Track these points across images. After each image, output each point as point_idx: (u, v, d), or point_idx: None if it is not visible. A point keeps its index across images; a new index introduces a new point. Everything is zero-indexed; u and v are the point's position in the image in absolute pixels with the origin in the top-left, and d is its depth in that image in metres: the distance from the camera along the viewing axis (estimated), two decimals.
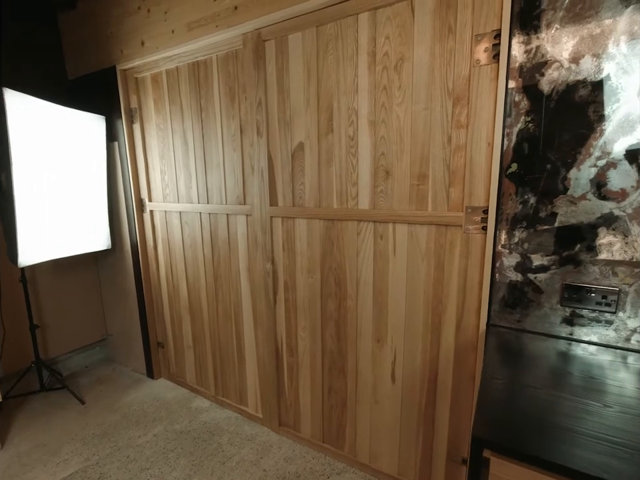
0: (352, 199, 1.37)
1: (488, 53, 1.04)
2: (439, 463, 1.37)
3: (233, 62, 1.57)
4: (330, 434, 1.64)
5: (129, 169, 2.06)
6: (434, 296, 1.27)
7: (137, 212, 2.10)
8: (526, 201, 1.03)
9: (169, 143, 1.90)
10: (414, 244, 1.27)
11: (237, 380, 1.93)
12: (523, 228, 1.05)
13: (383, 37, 1.21)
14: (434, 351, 1.30)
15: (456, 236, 1.19)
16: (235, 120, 1.62)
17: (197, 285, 1.97)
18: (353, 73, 1.28)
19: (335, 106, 1.34)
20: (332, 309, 1.51)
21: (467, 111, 1.11)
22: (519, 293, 1.08)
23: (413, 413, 1.39)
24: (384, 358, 1.42)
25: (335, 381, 1.57)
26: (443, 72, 1.13)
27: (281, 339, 1.69)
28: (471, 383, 1.24)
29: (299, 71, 1.40)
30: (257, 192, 1.60)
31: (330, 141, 1.38)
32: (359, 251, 1.39)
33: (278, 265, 1.63)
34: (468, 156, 1.12)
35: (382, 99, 1.25)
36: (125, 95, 1.99)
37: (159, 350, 2.29)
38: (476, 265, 1.16)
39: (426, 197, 1.23)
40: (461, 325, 1.22)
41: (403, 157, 1.24)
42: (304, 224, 1.51)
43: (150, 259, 2.16)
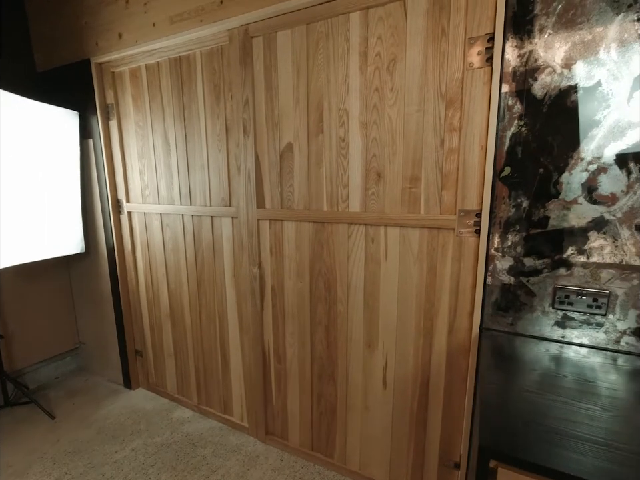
0: (342, 201, 1.34)
1: (481, 56, 1.04)
2: (431, 468, 1.35)
3: (218, 58, 1.52)
4: (319, 442, 1.60)
5: (104, 168, 1.95)
6: (426, 299, 1.26)
7: (114, 214, 1.99)
8: (519, 204, 1.04)
9: (148, 142, 1.81)
10: (406, 247, 1.26)
11: (221, 388, 1.85)
12: (516, 231, 1.05)
13: (375, 37, 1.19)
14: (426, 355, 1.29)
15: (448, 239, 1.19)
16: (220, 119, 1.56)
17: (179, 291, 1.89)
18: (345, 72, 1.26)
19: (326, 106, 1.31)
20: (321, 314, 1.47)
21: (459, 114, 1.11)
22: (512, 296, 1.09)
23: (404, 418, 1.37)
24: (375, 363, 1.39)
25: (324, 388, 1.53)
26: (436, 74, 1.12)
27: (268, 345, 1.64)
28: (463, 386, 1.23)
29: (288, 69, 1.36)
30: (243, 193, 1.55)
31: (320, 141, 1.35)
32: (350, 255, 1.36)
33: (265, 269, 1.57)
34: (461, 159, 1.11)
35: (374, 100, 1.23)
36: (100, 90, 1.88)
37: (137, 358, 2.18)
38: (468, 268, 1.16)
39: (418, 200, 1.21)
40: (454, 328, 1.22)
41: (395, 159, 1.23)
42: (293, 227, 1.47)
43: (128, 263, 2.05)
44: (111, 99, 1.88)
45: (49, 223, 1.85)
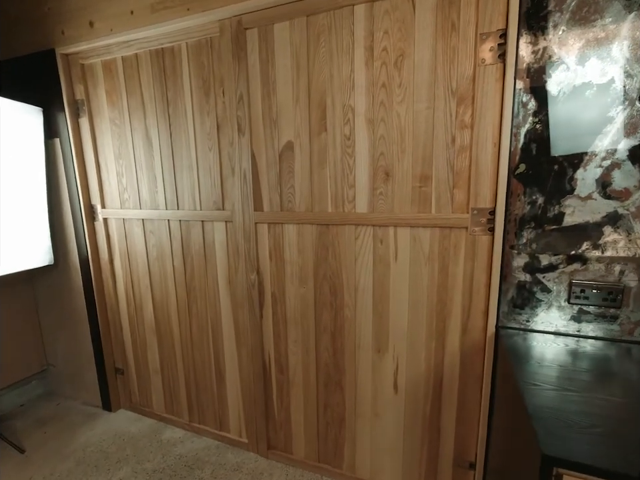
0: (349, 202, 1.29)
1: (493, 53, 1.03)
2: (445, 469, 1.34)
3: (207, 51, 1.41)
4: (326, 452, 1.53)
5: (75, 170, 1.77)
6: (438, 300, 1.23)
7: (87, 220, 1.81)
8: (534, 201, 1.04)
9: (126, 141, 1.66)
10: (417, 248, 1.23)
11: (215, 404, 1.74)
12: (531, 228, 1.05)
13: (382, 32, 1.15)
14: (439, 356, 1.27)
15: (460, 238, 1.17)
16: (210, 116, 1.46)
17: (166, 301, 1.75)
18: (349, 68, 1.21)
19: (329, 103, 1.25)
20: (327, 320, 1.41)
21: (471, 111, 1.09)
22: (528, 293, 1.09)
23: (416, 421, 1.34)
24: (385, 368, 1.35)
25: (331, 397, 1.47)
26: (446, 70, 1.10)
27: (269, 355, 1.55)
28: (478, 386, 1.22)
29: (286, 63, 1.29)
30: (239, 196, 1.45)
31: (323, 140, 1.28)
32: (357, 257, 1.31)
33: (264, 276, 1.49)
34: (473, 156, 1.10)
35: (381, 96, 1.19)
36: (67, 83, 1.70)
37: (118, 377, 2.00)
38: (482, 266, 1.15)
39: (429, 199, 1.19)
40: (468, 328, 1.20)
41: (405, 158, 1.19)
42: (294, 230, 1.39)
43: (105, 274, 1.87)
44: (81, 94, 1.70)
45: (10, 233, 1.64)
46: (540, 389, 0.80)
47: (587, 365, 0.90)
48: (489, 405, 1.19)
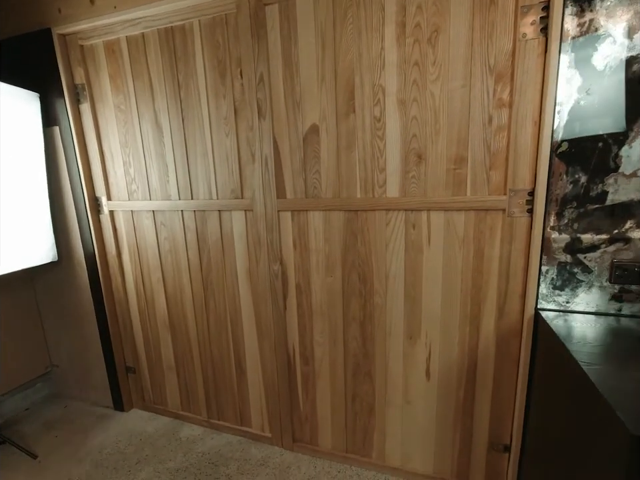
0: (379, 186, 1.25)
1: (535, 26, 1.00)
2: (478, 453, 1.34)
3: (222, 29, 1.33)
4: (354, 442, 1.52)
5: (78, 161, 1.66)
6: (473, 284, 1.21)
7: (92, 214, 1.71)
8: (576, 180, 1.02)
9: (133, 128, 1.57)
10: (451, 231, 1.20)
11: (236, 399, 1.70)
12: (573, 208, 1.04)
13: (414, 6, 1.10)
14: (473, 341, 1.26)
15: (497, 220, 1.15)
16: (226, 99, 1.38)
17: (180, 296, 1.68)
18: (379, 45, 1.15)
19: (358, 82, 1.20)
20: (356, 309, 1.38)
21: (509, 89, 1.06)
22: (568, 274, 1.08)
23: (449, 407, 1.34)
24: (417, 355, 1.33)
25: (360, 386, 1.44)
26: (483, 46, 1.06)
27: (293, 347, 1.51)
28: (514, 368, 1.22)
29: (310, 41, 1.22)
30: (259, 183, 1.39)
31: (351, 122, 1.23)
32: (388, 243, 1.28)
33: (288, 266, 1.44)
34: (512, 136, 1.07)
35: (413, 75, 1.14)
36: (65, 67, 1.58)
37: (129, 376, 1.93)
38: (520, 248, 1.13)
39: (464, 181, 1.16)
40: (504, 311, 1.19)
41: (439, 139, 1.15)
42: (320, 217, 1.34)
43: (112, 270, 1.79)
44: (81, 79, 1.59)
45: (10, 229, 1.53)
46: (599, 368, 0.79)
47: (638, 344, 0.90)
48: (527, 387, 1.18)
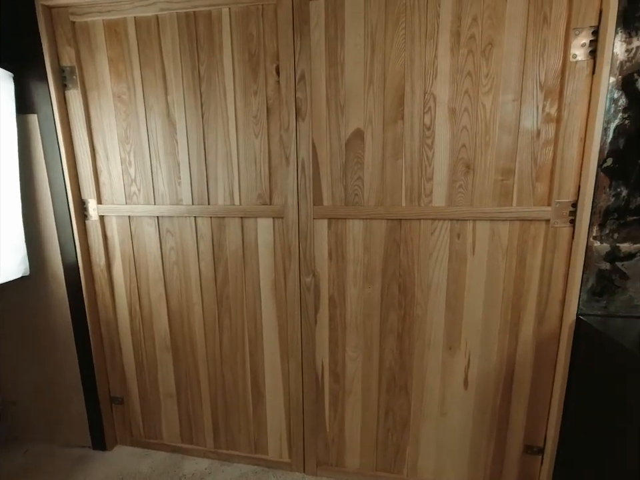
0: (425, 195, 1.23)
1: (585, 49, 1.06)
2: (512, 457, 1.36)
3: (257, 21, 1.22)
4: (385, 460, 1.46)
5: (61, 156, 1.40)
6: (514, 292, 1.24)
7: (77, 219, 1.45)
8: (618, 193, 1.10)
9: (137, 122, 1.37)
10: (495, 241, 1.22)
11: (250, 424, 1.54)
12: (614, 219, 1.11)
13: (470, 18, 1.11)
14: (511, 348, 1.28)
15: (540, 230, 1.19)
16: (258, 96, 1.27)
17: (187, 314, 1.49)
18: (433, 53, 1.14)
19: (408, 89, 1.17)
20: (394, 321, 1.33)
21: (557, 105, 1.11)
22: (607, 281, 1.15)
23: (485, 414, 1.35)
24: (456, 365, 1.33)
25: (394, 401, 1.40)
26: (535, 63, 1.10)
27: (322, 364, 1.42)
28: (551, 373, 1.26)
29: (358, 42, 1.17)
30: (293, 188, 1.29)
31: (399, 129, 1.20)
32: (432, 253, 1.26)
33: (321, 277, 1.35)
34: (559, 150, 1.12)
35: (466, 85, 1.14)
36: (50, 45, 1.33)
37: (114, 408, 1.66)
38: (561, 257, 1.18)
39: (510, 192, 1.19)
40: (544, 317, 1.23)
41: (488, 150, 1.17)
42: (360, 225, 1.28)
43: (99, 284, 1.53)
44: (71, 60, 1.35)
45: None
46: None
47: None
48: (565, 390, 1.23)
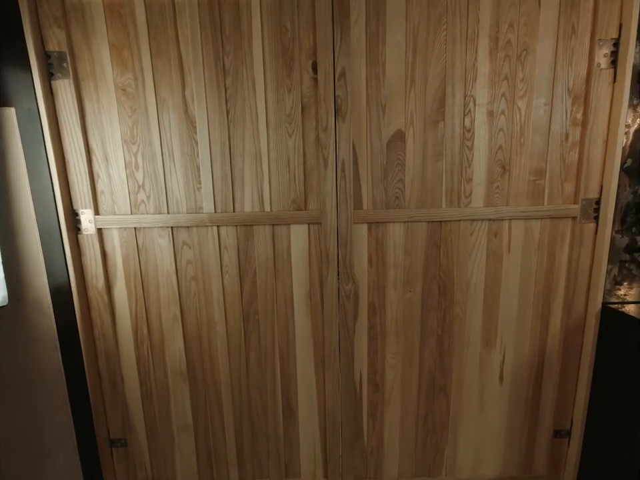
0: (465, 196, 1.24)
1: (607, 59, 1.15)
2: (542, 442, 1.42)
3: (291, 12, 1.13)
4: (424, 464, 1.44)
5: (48, 158, 1.17)
6: (544, 286, 1.31)
7: (69, 233, 1.22)
8: (636, 191, 1.21)
9: (147, 118, 1.19)
10: (528, 238, 1.27)
11: (280, 447, 1.42)
12: (633, 214, 1.22)
13: (507, 24, 1.14)
14: (542, 338, 1.35)
15: (567, 227, 1.27)
16: (292, 93, 1.18)
17: (208, 334, 1.33)
18: (473, 56, 1.16)
19: (449, 91, 1.17)
20: (434, 323, 1.33)
21: (583, 110, 1.19)
22: (627, 270, 1.26)
23: (519, 405, 1.40)
24: (492, 361, 1.36)
25: (433, 404, 1.39)
26: (564, 70, 1.17)
27: (360, 375, 1.36)
28: (577, 360, 1.35)
29: (400, 41, 1.15)
30: (333, 192, 1.22)
31: (440, 131, 1.20)
32: (471, 253, 1.28)
33: (360, 284, 1.29)
34: (585, 152, 1.20)
35: (502, 88, 1.18)
36: (33, 25, 1.10)
37: (114, 452, 1.42)
38: (587, 251, 1.27)
39: (542, 192, 1.25)
40: (572, 308, 1.31)
41: (522, 152, 1.22)
42: (401, 229, 1.26)
43: (96, 310, 1.30)
44: (60, 45, 1.13)
45: None
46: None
47: None
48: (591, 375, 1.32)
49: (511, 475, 1.45)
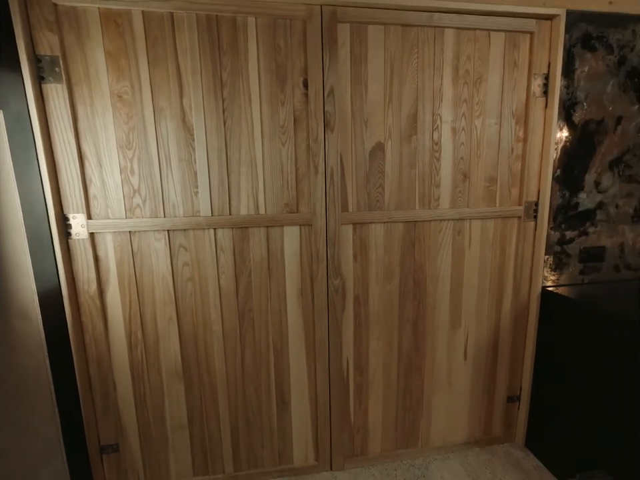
0: (434, 200, 1.44)
1: (540, 89, 1.43)
2: (498, 407, 1.68)
3: (284, 34, 1.25)
4: (403, 437, 1.62)
5: (39, 162, 1.15)
6: (498, 275, 1.56)
7: (60, 238, 1.20)
8: (563, 195, 1.50)
9: (144, 125, 1.22)
10: (484, 235, 1.51)
11: (274, 436, 1.51)
12: (561, 214, 1.52)
13: (465, 56, 1.37)
14: (496, 320, 1.60)
15: (513, 225, 1.53)
16: (286, 106, 1.29)
17: (204, 334, 1.38)
18: (439, 82, 1.36)
19: (420, 109, 1.37)
20: (410, 311, 1.51)
21: (523, 129, 1.46)
22: (558, 260, 1.55)
23: (479, 377, 1.64)
24: (458, 341, 1.58)
25: (411, 382, 1.57)
26: (509, 95, 1.43)
27: (347, 361, 1.50)
28: (524, 336, 1.62)
29: (379, 64, 1.32)
30: (322, 196, 1.35)
31: (413, 143, 1.39)
32: (439, 249, 1.48)
33: (346, 279, 1.44)
34: (526, 163, 1.47)
35: (463, 109, 1.40)
36: (24, 28, 1.09)
37: (104, 459, 1.40)
38: (529, 244, 1.55)
39: (494, 196, 1.49)
40: (519, 293, 1.58)
41: (479, 162, 1.45)
42: (381, 228, 1.42)
43: (87, 315, 1.29)
44: (52, 49, 1.13)
45: None
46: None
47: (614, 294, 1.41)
48: (534, 348, 1.60)
49: (475, 439, 1.69)
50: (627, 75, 1.45)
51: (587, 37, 1.39)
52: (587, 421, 1.35)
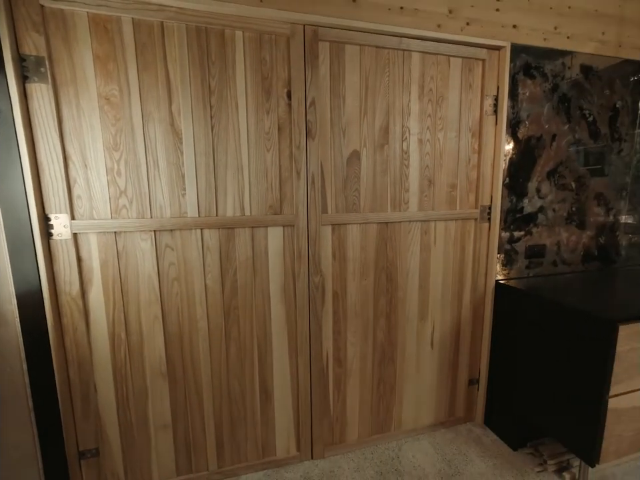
0: (404, 203, 1.60)
1: (491, 107, 1.65)
2: (461, 390, 1.87)
3: (270, 48, 1.34)
4: (378, 423, 1.75)
5: (21, 162, 1.13)
6: (459, 270, 1.75)
7: (42, 239, 1.19)
8: (512, 200, 1.73)
9: (132, 128, 1.25)
10: (447, 235, 1.70)
11: (257, 430, 1.57)
12: (510, 216, 1.74)
13: (429, 77, 1.55)
14: (458, 311, 1.79)
15: (471, 226, 1.74)
16: (270, 115, 1.38)
17: (189, 333, 1.41)
18: (408, 98, 1.53)
19: (391, 122, 1.53)
20: (383, 305, 1.65)
21: (478, 142, 1.67)
22: (509, 256, 1.78)
23: (444, 364, 1.81)
24: (425, 331, 1.74)
25: (385, 371, 1.71)
26: (466, 113, 1.63)
27: (327, 353, 1.60)
28: (481, 324, 1.83)
29: (355, 80, 1.46)
30: (303, 199, 1.45)
31: (385, 152, 1.54)
32: (409, 247, 1.64)
33: (326, 276, 1.54)
34: (480, 172, 1.68)
35: (427, 123, 1.58)
36: (9, 28, 1.09)
37: (84, 463, 1.37)
38: (484, 243, 1.76)
39: (455, 200, 1.69)
40: (476, 286, 1.78)
41: (442, 170, 1.64)
42: (358, 229, 1.55)
43: (68, 317, 1.27)
44: (37, 49, 1.13)
45: None
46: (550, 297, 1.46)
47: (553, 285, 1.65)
48: (490, 335, 1.81)
49: (441, 420, 1.86)
50: (559, 100, 1.72)
51: (527, 67, 1.63)
52: (534, 396, 1.56)
